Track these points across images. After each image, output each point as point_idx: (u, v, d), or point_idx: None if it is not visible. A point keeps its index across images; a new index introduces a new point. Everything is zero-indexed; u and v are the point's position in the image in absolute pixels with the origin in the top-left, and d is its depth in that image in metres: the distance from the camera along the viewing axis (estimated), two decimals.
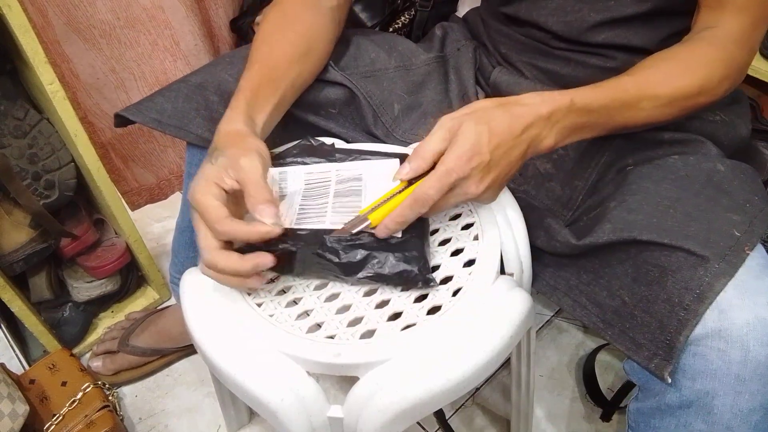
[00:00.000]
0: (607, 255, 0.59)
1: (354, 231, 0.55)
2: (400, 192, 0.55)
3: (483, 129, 0.52)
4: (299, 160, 0.67)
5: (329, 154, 0.67)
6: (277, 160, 0.66)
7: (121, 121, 0.72)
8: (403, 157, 0.66)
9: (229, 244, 0.53)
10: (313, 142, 0.69)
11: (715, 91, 0.60)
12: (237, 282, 0.53)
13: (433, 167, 0.53)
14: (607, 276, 0.59)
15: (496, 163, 0.53)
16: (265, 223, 0.50)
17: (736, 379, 0.49)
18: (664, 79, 0.58)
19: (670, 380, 0.52)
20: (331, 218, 0.58)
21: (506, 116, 0.53)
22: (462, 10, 0.92)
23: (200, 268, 0.55)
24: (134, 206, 1.25)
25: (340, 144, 0.72)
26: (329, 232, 0.56)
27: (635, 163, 0.64)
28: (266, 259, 0.51)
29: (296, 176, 0.64)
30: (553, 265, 0.65)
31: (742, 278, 0.51)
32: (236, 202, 0.54)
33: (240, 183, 0.52)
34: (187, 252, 0.84)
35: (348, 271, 0.55)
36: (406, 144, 0.73)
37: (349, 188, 0.61)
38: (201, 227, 0.53)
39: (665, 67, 0.59)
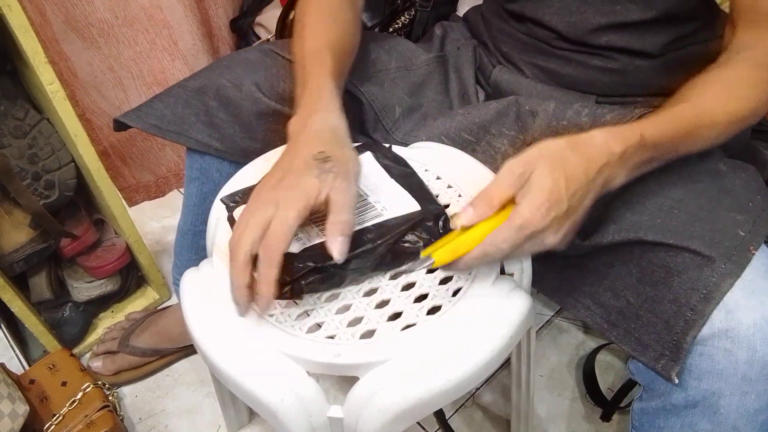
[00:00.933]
0: (611, 255, 0.59)
1: (416, 269, 0.53)
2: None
3: (559, 175, 0.48)
4: None
5: None
6: None
7: (120, 125, 0.72)
8: (371, 146, 0.66)
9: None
10: None
11: (762, 112, 0.59)
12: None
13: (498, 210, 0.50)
14: (612, 276, 0.58)
15: (573, 210, 0.50)
16: (333, 253, 0.50)
17: (742, 379, 0.49)
18: (720, 105, 0.57)
19: (677, 381, 0.52)
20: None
21: (581, 159, 0.50)
22: (462, 10, 0.92)
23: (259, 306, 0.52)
24: (132, 203, 1.25)
25: None
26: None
27: None
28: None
29: None
30: (556, 266, 0.65)
31: (749, 278, 0.51)
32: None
33: (330, 203, 0.51)
34: (189, 254, 0.84)
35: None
36: (405, 145, 0.73)
37: None
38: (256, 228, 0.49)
39: (718, 91, 0.58)
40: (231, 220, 0.62)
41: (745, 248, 0.52)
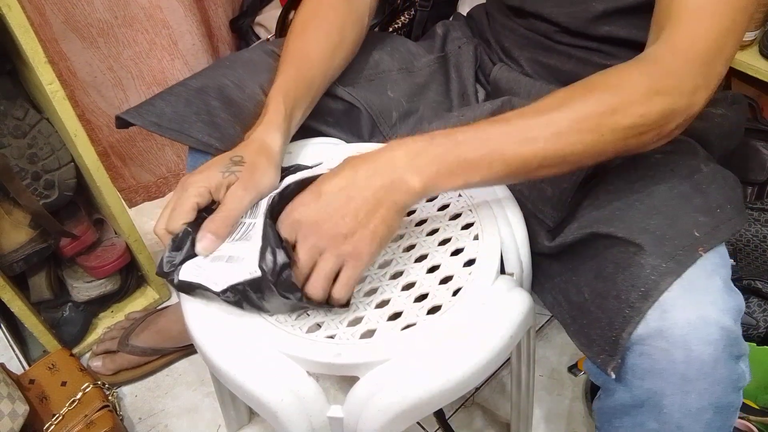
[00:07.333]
0: (578, 253, 0.59)
1: None
2: None
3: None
4: None
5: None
6: None
7: (122, 122, 0.72)
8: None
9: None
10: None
11: (642, 107, 0.52)
12: None
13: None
14: (578, 272, 0.59)
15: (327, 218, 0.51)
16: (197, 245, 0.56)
17: (682, 378, 0.49)
18: (561, 104, 0.52)
19: (614, 376, 0.52)
20: None
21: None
22: (462, 10, 0.92)
23: (155, 228, 0.59)
24: (132, 204, 1.25)
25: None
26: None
27: (618, 162, 0.64)
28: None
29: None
30: (542, 264, 0.66)
31: (690, 278, 0.50)
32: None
33: (221, 202, 0.57)
34: None
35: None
36: None
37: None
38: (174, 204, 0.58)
39: (563, 93, 0.54)
40: None
41: (694, 249, 0.52)
